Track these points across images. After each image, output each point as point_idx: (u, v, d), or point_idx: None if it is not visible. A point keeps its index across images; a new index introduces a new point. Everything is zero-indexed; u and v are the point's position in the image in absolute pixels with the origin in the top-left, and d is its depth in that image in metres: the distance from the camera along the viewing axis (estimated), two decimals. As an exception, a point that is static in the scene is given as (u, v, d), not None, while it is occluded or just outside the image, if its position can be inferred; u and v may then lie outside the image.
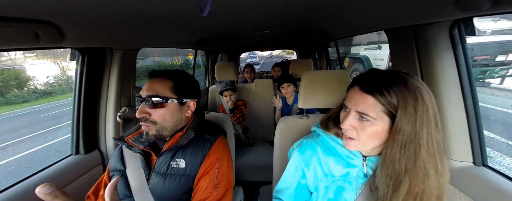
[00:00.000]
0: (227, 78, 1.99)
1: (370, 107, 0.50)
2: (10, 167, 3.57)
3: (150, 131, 0.70)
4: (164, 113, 0.70)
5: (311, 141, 0.69)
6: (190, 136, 0.72)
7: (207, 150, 0.74)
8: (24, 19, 0.54)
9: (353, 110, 0.53)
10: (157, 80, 0.71)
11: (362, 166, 0.60)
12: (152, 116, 0.69)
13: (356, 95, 0.53)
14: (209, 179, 0.70)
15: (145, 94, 0.69)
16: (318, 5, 0.93)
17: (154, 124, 0.69)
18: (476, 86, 0.70)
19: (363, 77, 0.55)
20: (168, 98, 0.70)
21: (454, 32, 0.69)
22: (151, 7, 0.73)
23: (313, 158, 0.66)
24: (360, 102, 0.52)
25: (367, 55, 5.48)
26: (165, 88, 0.71)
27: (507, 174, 0.63)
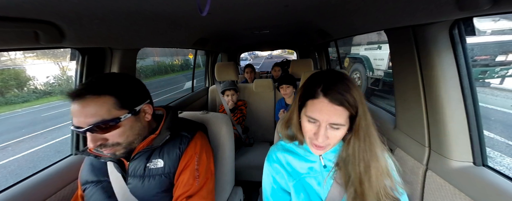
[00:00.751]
0: (227, 78, 1.99)
1: (341, 117, 0.53)
2: (10, 167, 3.58)
3: (117, 152, 0.63)
4: (123, 131, 0.60)
5: (273, 149, 0.75)
6: (165, 137, 0.69)
7: (185, 146, 0.72)
8: (24, 19, 0.54)
9: (324, 123, 0.54)
10: (88, 101, 0.55)
11: (319, 160, 0.65)
12: (111, 140, 0.59)
13: (326, 108, 0.53)
14: (189, 172, 0.69)
15: (85, 123, 0.55)
16: (318, 5, 0.93)
17: (117, 146, 0.61)
18: (476, 86, 0.70)
19: (318, 85, 0.54)
20: (119, 117, 0.58)
21: (454, 32, 0.69)
22: (151, 7, 0.73)
23: (276, 164, 0.70)
24: (332, 114, 0.53)
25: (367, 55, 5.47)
26: (108, 107, 0.57)
27: (507, 174, 0.63)
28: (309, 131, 0.58)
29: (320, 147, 0.58)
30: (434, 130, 0.78)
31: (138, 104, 0.65)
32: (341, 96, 0.52)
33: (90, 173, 0.72)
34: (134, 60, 1.19)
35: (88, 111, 0.55)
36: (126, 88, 0.63)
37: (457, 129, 0.72)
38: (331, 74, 0.57)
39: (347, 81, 0.54)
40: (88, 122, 0.55)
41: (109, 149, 0.61)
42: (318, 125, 0.55)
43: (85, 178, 0.72)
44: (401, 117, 0.97)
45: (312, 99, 0.55)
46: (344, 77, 0.55)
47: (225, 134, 1.00)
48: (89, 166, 0.74)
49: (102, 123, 0.56)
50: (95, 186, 0.71)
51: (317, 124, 0.55)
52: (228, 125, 1.03)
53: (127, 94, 0.62)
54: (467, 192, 0.65)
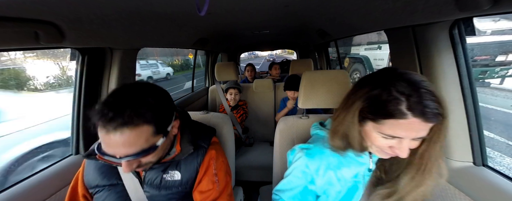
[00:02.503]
0: (227, 78, 1.99)
1: (428, 129, 0.47)
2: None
3: (148, 167, 0.63)
4: (157, 153, 0.58)
5: (320, 146, 0.66)
6: (189, 150, 0.66)
7: (202, 157, 0.71)
8: (24, 19, 0.54)
9: (408, 138, 0.47)
10: (127, 133, 0.49)
11: (368, 162, 0.62)
12: (144, 161, 0.57)
13: (417, 127, 0.45)
14: (208, 178, 0.70)
15: (122, 154, 0.51)
16: (318, 5, 0.93)
17: (150, 163, 0.60)
18: (476, 86, 0.70)
19: (399, 100, 0.45)
20: (156, 145, 0.55)
21: (454, 32, 0.69)
22: (151, 7, 0.73)
23: (323, 163, 0.63)
24: (421, 131, 0.46)
25: (367, 55, 5.48)
26: (147, 137, 0.52)
27: (507, 174, 0.63)
28: (383, 145, 0.51)
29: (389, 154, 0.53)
30: (434, 130, 0.78)
31: (169, 123, 0.60)
32: (437, 111, 0.44)
33: (99, 177, 0.69)
34: (134, 60, 1.19)
35: (126, 143, 0.50)
36: (162, 111, 0.57)
37: (457, 129, 0.72)
38: (410, 80, 0.46)
39: (431, 86, 0.46)
40: (126, 152, 0.51)
41: (141, 168, 0.60)
42: (398, 141, 0.49)
43: (95, 182, 0.68)
44: (401, 117, 0.96)
45: (396, 119, 0.45)
46: (425, 81, 0.46)
47: (225, 134, 1.00)
48: (95, 169, 0.70)
49: (141, 152, 0.52)
50: (108, 190, 0.68)
51: (397, 139, 0.49)
52: (228, 125, 1.03)
53: (163, 119, 0.58)
54: (467, 192, 0.65)
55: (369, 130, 0.53)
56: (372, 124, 0.51)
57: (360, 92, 0.52)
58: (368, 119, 0.51)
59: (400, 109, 0.45)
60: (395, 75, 0.49)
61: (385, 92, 0.47)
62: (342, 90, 0.89)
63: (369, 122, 0.52)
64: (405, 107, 0.44)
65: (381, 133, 0.49)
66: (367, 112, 0.51)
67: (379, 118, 0.48)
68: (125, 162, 0.53)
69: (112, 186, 0.68)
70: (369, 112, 0.50)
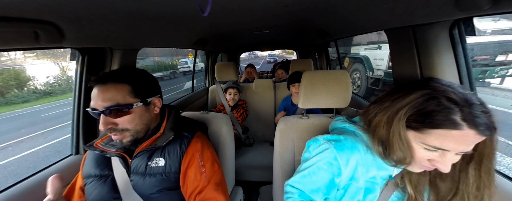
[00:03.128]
0: (227, 78, 1.99)
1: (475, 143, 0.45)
2: (10, 167, 3.57)
3: (124, 138, 0.66)
4: (132, 118, 0.65)
5: (350, 138, 0.63)
6: (169, 137, 0.71)
7: (185, 146, 0.73)
8: (24, 19, 0.54)
9: (455, 152, 0.45)
10: (109, 87, 0.63)
11: (393, 169, 0.59)
12: (120, 125, 0.64)
13: (470, 139, 0.43)
14: (194, 169, 0.71)
15: (101, 105, 0.62)
16: (318, 5, 0.93)
17: (126, 131, 0.66)
18: (476, 86, 0.70)
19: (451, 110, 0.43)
20: (131, 104, 0.64)
21: (454, 32, 0.69)
22: (151, 7, 0.73)
23: (354, 156, 0.60)
24: (472, 144, 0.44)
25: (367, 55, 5.48)
26: (124, 94, 0.64)
27: (507, 174, 0.63)
28: (422, 158, 0.49)
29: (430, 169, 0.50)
30: (434, 130, 0.78)
31: (150, 96, 0.71)
32: (492, 125, 0.42)
33: (94, 167, 0.73)
34: (134, 60, 1.19)
35: (106, 96, 0.62)
36: (142, 80, 0.71)
37: (457, 129, 0.72)
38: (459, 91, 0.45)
39: (480, 99, 0.44)
40: (104, 105, 0.61)
41: (117, 134, 0.65)
42: (441, 153, 0.46)
43: (89, 172, 0.73)
44: (401, 117, 0.96)
45: (447, 129, 0.43)
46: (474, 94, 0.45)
47: (225, 134, 1.00)
48: (92, 160, 0.75)
49: (116, 106, 0.62)
50: (98, 180, 0.72)
51: (441, 152, 0.46)
52: (228, 125, 1.03)
53: (142, 85, 0.69)
54: (467, 192, 0.65)
55: (410, 140, 0.50)
56: (415, 134, 0.48)
57: (406, 99, 0.49)
58: (411, 128, 0.49)
59: (453, 119, 0.42)
60: (442, 85, 0.47)
61: (435, 101, 0.45)
62: (342, 90, 0.89)
63: (410, 131, 0.49)
64: (459, 117, 0.42)
65: (425, 144, 0.47)
66: (412, 121, 0.48)
67: (426, 128, 0.45)
68: (103, 117, 0.62)
69: (103, 177, 0.72)
70: (414, 121, 0.47)
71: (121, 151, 0.72)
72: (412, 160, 0.51)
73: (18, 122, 6.14)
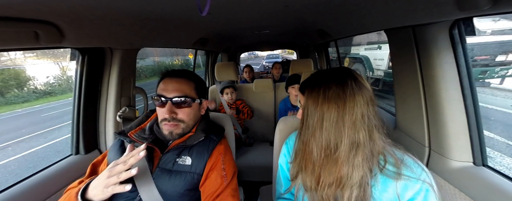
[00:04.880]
0: (227, 78, 1.99)
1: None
2: (10, 167, 3.57)
3: (176, 130, 0.72)
4: (190, 112, 0.74)
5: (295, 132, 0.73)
6: (200, 137, 0.76)
7: (212, 149, 0.78)
8: (24, 19, 0.54)
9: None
10: (181, 80, 0.74)
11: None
12: (179, 115, 0.72)
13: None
14: (217, 172, 0.74)
15: (172, 94, 0.71)
16: (318, 5, 0.93)
17: (181, 123, 0.73)
18: (476, 86, 0.70)
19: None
20: (194, 98, 0.75)
21: (454, 32, 0.69)
22: (151, 7, 0.73)
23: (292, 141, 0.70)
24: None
25: (367, 55, 5.47)
26: (191, 88, 0.75)
27: (507, 174, 0.63)
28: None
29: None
30: (434, 130, 0.78)
31: (204, 97, 0.81)
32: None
33: (117, 155, 0.73)
34: (134, 60, 1.19)
35: (179, 87, 0.72)
36: (201, 82, 0.82)
37: (457, 129, 0.72)
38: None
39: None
40: (175, 94, 0.71)
41: (173, 124, 0.72)
42: None
43: (113, 159, 0.73)
44: (401, 117, 0.97)
45: None
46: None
47: (226, 134, 1.00)
48: (118, 149, 0.75)
49: (184, 96, 0.71)
50: None
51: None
52: (228, 125, 1.03)
53: (201, 86, 0.81)
54: (467, 192, 0.65)
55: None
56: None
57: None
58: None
59: None
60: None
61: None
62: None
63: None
64: None
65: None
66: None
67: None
68: (169, 104, 0.70)
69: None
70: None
71: (153, 145, 0.73)
72: None
73: (18, 122, 6.14)
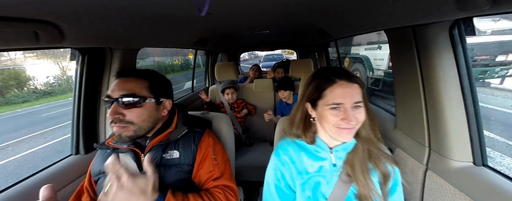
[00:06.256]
0: (227, 78, 1.99)
1: (359, 94, 0.59)
2: (10, 167, 3.57)
3: (125, 132, 0.66)
4: (141, 112, 0.67)
5: (283, 142, 0.74)
6: (183, 131, 0.76)
7: (198, 140, 0.78)
8: (24, 19, 0.54)
9: (349, 104, 0.58)
10: (130, 79, 0.69)
11: (330, 158, 0.66)
12: (128, 117, 0.66)
13: (346, 89, 0.58)
14: (208, 162, 0.75)
15: (117, 94, 0.65)
16: (318, 5, 0.93)
17: (131, 124, 0.66)
18: (476, 86, 0.70)
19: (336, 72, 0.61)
20: (145, 97, 0.68)
21: (454, 32, 0.69)
22: (151, 7, 0.73)
23: (285, 157, 0.69)
24: (354, 93, 0.58)
25: (367, 55, 5.47)
26: (141, 87, 0.69)
27: (507, 174, 0.63)
28: (334, 119, 0.59)
29: (348, 129, 0.59)
30: (434, 130, 0.78)
31: (163, 97, 0.75)
32: (350, 75, 0.60)
33: (103, 164, 0.73)
34: (134, 60, 1.19)
35: (126, 86, 0.67)
36: (159, 80, 0.77)
37: (457, 129, 0.72)
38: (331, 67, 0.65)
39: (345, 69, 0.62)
40: (121, 93, 0.65)
41: (121, 126, 0.66)
42: (343, 110, 0.58)
43: (98, 169, 0.75)
44: (401, 117, 0.97)
45: (330, 86, 0.59)
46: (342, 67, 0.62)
47: (225, 134, 1.00)
48: (101, 158, 0.76)
49: (131, 96, 0.66)
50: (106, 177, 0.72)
51: (340, 107, 0.58)
52: (228, 125, 1.03)
53: (158, 85, 0.74)
54: (467, 192, 0.65)
55: (323, 110, 0.61)
56: (321, 102, 0.62)
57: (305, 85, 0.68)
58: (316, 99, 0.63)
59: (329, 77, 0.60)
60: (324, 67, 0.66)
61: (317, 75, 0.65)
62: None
63: (319, 102, 0.62)
64: (332, 76, 0.61)
65: (328, 105, 0.59)
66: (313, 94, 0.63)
67: (322, 92, 0.61)
68: (114, 105, 0.65)
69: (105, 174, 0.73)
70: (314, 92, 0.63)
71: (133, 147, 0.73)
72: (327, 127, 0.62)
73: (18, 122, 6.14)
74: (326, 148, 0.67)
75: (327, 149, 0.67)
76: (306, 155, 0.68)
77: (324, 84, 0.60)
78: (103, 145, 0.74)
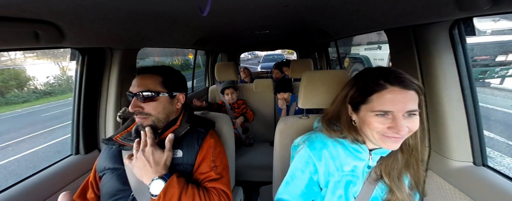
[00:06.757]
0: (227, 78, 1.99)
1: (415, 102, 0.52)
2: (10, 167, 3.57)
3: (145, 122, 0.74)
4: (157, 105, 0.75)
5: (320, 135, 0.68)
6: (185, 128, 0.79)
7: (201, 141, 0.79)
8: (24, 19, 0.54)
9: (401, 112, 0.52)
10: (146, 76, 0.76)
11: (368, 159, 0.64)
12: (146, 109, 0.74)
13: (399, 95, 0.51)
14: (206, 163, 0.76)
15: (136, 90, 0.73)
16: (318, 5, 0.93)
17: (149, 116, 0.74)
18: (476, 86, 0.70)
19: (389, 76, 0.53)
20: (159, 92, 0.75)
21: (454, 32, 0.69)
22: (151, 7, 0.73)
23: (324, 151, 0.65)
24: (406, 101, 0.51)
25: (367, 55, 5.48)
26: (155, 83, 0.75)
27: (507, 174, 0.63)
28: (380, 126, 0.54)
29: (396, 138, 0.54)
30: (434, 130, 0.78)
31: (176, 91, 0.81)
32: (407, 81, 0.52)
33: (108, 160, 0.78)
34: (134, 60, 1.19)
35: (143, 83, 0.74)
36: (173, 75, 0.82)
37: (457, 129, 0.72)
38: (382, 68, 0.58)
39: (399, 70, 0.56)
40: (139, 89, 0.73)
41: (141, 117, 0.74)
42: (391, 118, 0.53)
43: (103, 165, 0.78)
44: (401, 117, 0.96)
45: (379, 91, 0.53)
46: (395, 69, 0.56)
47: (225, 134, 1.00)
48: (107, 154, 0.80)
49: (147, 91, 0.73)
50: (111, 172, 0.76)
51: (390, 115, 0.53)
52: (229, 125, 1.03)
53: (172, 79, 0.80)
54: (467, 192, 0.65)
55: (365, 115, 0.56)
56: (364, 106, 0.57)
57: (345, 89, 0.64)
58: (360, 103, 0.58)
59: (379, 82, 0.53)
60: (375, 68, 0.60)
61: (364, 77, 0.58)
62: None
63: (362, 107, 0.57)
64: (382, 80, 0.53)
65: (373, 112, 0.54)
66: (357, 97, 0.58)
67: (367, 97, 0.55)
68: (134, 99, 0.73)
69: (115, 170, 0.77)
70: (359, 96, 0.58)
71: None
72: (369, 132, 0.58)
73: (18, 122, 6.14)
74: (366, 149, 0.63)
75: (367, 150, 0.63)
76: (345, 153, 0.64)
77: (371, 88, 0.54)
78: (110, 141, 0.77)
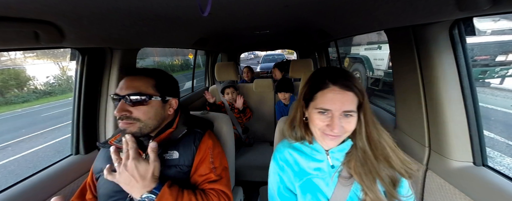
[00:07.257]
0: (227, 78, 1.99)
1: (352, 103, 0.56)
2: (10, 167, 3.57)
3: (131, 128, 0.67)
4: (147, 110, 0.68)
5: (280, 147, 0.73)
6: (182, 131, 0.76)
7: (198, 142, 0.77)
8: (24, 19, 0.54)
9: (338, 111, 0.55)
10: (137, 78, 0.70)
11: (326, 159, 0.65)
12: (134, 114, 0.67)
13: (337, 95, 0.55)
14: (205, 165, 0.74)
15: (124, 92, 0.67)
16: (318, 5, 0.93)
17: (137, 121, 0.67)
18: (476, 86, 0.70)
19: (334, 76, 0.57)
20: (151, 96, 0.69)
21: (454, 32, 0.69)
22: (151, 7, 0.73)
23: (282, 162, 0.69)
24: (344, 101, 0.55)
25: (367, 55, 5.47)
26: (147, 86, 0.70)
27: (507, 174, 0.63)
28: (320, 123, 0.58)
29: (333, 136, 0.58)
30: (434, 130, 0.78)
31: (169, 95, 0.76)
32: (348, 83, 0.55)
33: (104, 162, 0.75)
34: (134, 60, 1.19)
35: (133, 84, 0.68)
36: (166, 79, 0.77)
37: (457, 129, 0.72)
38: (333, 68, 0.62)
39: (346, 71, 0.60)
40: (128, 92, 0.67)
41: (127, 123, 0.67)
42: (330, 116, 0.56)
43: (100, 167, 0.75)
44: (401, 117, 0.97)
45: (322, 89, 0.57)
46: (345, 70, 0.60)
47: (225, 134, 1.00)
48: (104, 156, 0.78)
49: (138, 94, 0.67)
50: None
51: (329, 114, 0.56)
52: (228, 125, 1.03)
53: (165, 83, 0.75)
54: (467, 192, 0.65)
55: (311, 112, 0.60)
56: (312, 103, 0.60)
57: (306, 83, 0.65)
58: (310, 101, 0.61)
59: (323, 80, 0.57)
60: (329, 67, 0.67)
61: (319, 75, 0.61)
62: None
63: (310, 104, 0.60)
64: (327, 79, 0.57)
65: (316, 109, 0.58)
66: (307, 95, 0.62)
67: (313, 94, 0.59)
68: (121, 102, 0.66)
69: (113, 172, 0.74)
70: (309, 93, 0.61)
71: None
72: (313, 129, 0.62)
73: (18, 122, 6.14)
74: (321, 150, 0.66)
75: (322, 151, 0.65)
76: (301, 157, 0.67)
77: (317, 87, 0.59)
78: (105, 144, 0.75)
